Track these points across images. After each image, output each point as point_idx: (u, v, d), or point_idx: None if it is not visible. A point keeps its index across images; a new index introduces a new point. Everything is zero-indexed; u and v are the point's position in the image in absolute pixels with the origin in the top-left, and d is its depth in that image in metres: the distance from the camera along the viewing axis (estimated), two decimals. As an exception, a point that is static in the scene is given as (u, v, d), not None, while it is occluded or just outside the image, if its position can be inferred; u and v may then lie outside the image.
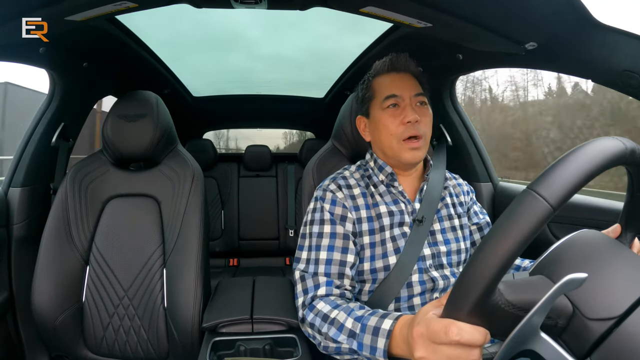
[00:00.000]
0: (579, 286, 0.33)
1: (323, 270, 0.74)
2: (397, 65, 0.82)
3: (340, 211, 0.78)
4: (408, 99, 0.79)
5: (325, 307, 0.67)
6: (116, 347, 0.99)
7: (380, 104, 0.81)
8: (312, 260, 0.75)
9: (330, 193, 0.80)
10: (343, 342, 0.61)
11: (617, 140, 0.36)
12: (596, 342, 0.34)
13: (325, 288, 0.71)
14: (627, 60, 0.66)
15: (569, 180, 0.33)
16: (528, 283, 0.39)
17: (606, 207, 0.94)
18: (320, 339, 0.66)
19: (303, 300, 0.72)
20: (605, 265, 0.38)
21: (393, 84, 0.80)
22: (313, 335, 0.69)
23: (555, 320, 0.36)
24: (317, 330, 0.66)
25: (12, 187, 1.08)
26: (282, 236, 2.21)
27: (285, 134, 11.37)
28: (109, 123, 1.05)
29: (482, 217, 0.89)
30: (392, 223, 0.79)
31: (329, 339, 0.64)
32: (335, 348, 0.63)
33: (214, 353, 0.83)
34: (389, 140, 0.79)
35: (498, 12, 0.75)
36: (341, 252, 0.75)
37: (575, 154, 0.34)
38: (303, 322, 0.71)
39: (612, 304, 0.35)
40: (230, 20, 1.52)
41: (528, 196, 0.33)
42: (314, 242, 0.77)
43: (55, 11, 0.78)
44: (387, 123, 0.79)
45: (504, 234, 0.33)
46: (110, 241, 1.03)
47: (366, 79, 0.86)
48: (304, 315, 0.71)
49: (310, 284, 0.73)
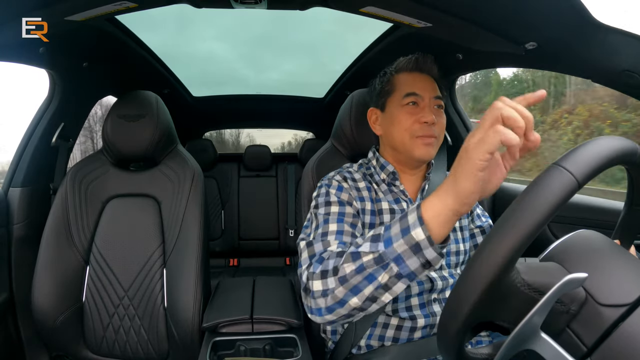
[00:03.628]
0: (579, 286, 0.33)
1: (334, 238, 0.67)
2: (422, 66, 0.82)
3: (346, 197, 0.76)
4: (428, 100, 0.78)
5: (336, 249, 0.62)
6: (116, 347, 0.99)
7: (399, 100, 0.80)
8: (319, 234, 0.69)
9: (336, 181, 0.79)
10: (365, 252, 0.52)
11: (632, 142, 0.39)
12: (607, 331, 0.34)
13: (337, 245, 0.65)
14: (627, 60, 0.66)
15: (594, 159, 0.35)
16: (543, 267, 0.40)
17: (606, 207, 0.94)
18: (332, 285, 0.56)
19: (309, 263, 0.63)
20: (617, 255, 0.39)
21: (415, 83, 0.80)
22: (323, 289, 0.57)
23: (568, 306, 0.36)
24: (332, 273, 0.56)
25: (12, 187, 1.08)
26: (282, 236, 2.21)
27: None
28: (109, 123, 1.05)
29: (484, 219, 0.89)
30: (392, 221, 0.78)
31: (348, 262, 0.54)
32: (356, 270, 0.53)
33: (214, 353, 0.83)
34: (401, 135, 0.79)
35: (498, 12, 0.75)
36: (351, 226, 0.71)
37: (599, 140, 0.37)
38: (311, 279, 0.59)
39: (626, 291, 0.35)
40: (230, 20, 1.52)
41: (555, 170, 0.34)
42: (321, 219, 0.72)
43: (55, 11, 0.78)
44: (403, 119, 0.78)
45: (532, 203, 0.33)
46: (110, 241, 1.03)
47: (387, 73, 0.85)
48: (312, 270, 0.60)
49: (318, 248, 0.65)
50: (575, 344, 0.36)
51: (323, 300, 0.57)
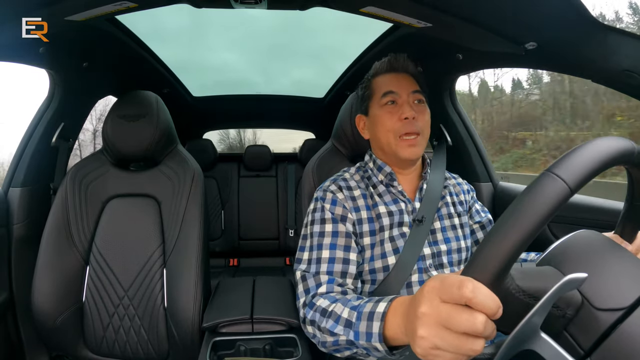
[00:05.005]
0: (579, 286, 0.33)
1: (325, 269, 0.73)
2: (396, 65, 0.84)
3: (340, 211, 0.78)
4: (406, 96, 0.80)
5: (324, 302, 0.66)
6: (116, 347, 0.99)
7: (378, 101, 0.82)
8: (314, 260, 0.75)
9: (330, 193, 0.80)
10: (340, 334, 0.59)
11: (629, 142, 0.38)
12: (604, 334, 0.34)
13: (326, 286, 0.70)
14: (627, 60, 0.66)
15: (586, 165, 0.34)
16: (538, 271, 0.39)
17: (606, 207, 0.94)
18: (319, 336, 0.65)
19: (304, 300, 0.71)
20: (615, 258, 0.39)
21: (391, 82, 0.82)
22: (313, 334, 0.67)
23: (564, 310, 0.36)
24: (317, 327, 0.65)
25: (12, 187, 1.08)
26: (282, 236, 2.21)
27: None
28: (109, 123, 1.05)
29: (483, 215, 0.89)
30: (392, 223, 0.79)
31: (327, 333, 0.62)
32: (333, 342, 0.61)
33: (214, 353, 0.83)
34: (386, 136, 0.80)
35: (498, 12, 0.75)
36: (344, 250, 0.75)
37: (592, 143, 0.36)
38: (304, 322, 0.70)
39: (622, 295, 0.35)
40: (230, 20, 1.53)
41: (547, 178, 0.34)
42: (315, 242, 0.77)
43: (55, 11, 0.78)
44: (384, 119, 0.80)
45: (523, 212, 0.33)
46: (110, 241, 1.03)
47: (366, 79, 0.88)
48: (304, 314, 0.69)
49: (311, 284, 0.72)
50: (573, 347, 0.36)
51: (316, 338, 0.66)
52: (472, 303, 0.33)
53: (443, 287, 0.35)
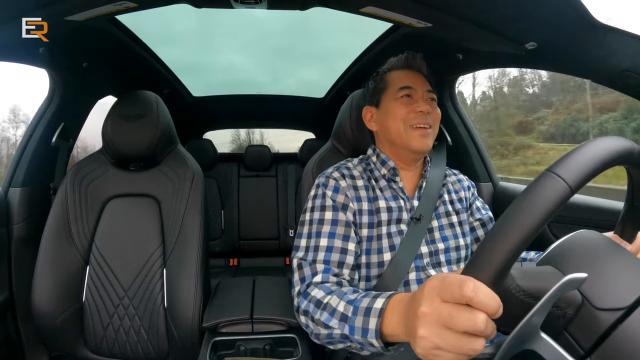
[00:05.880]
0: (579, 286, 0.33)
1: (322, 258, 0.72)
2: (412, 63, 0.85)
3: (342, 199, 0.78)
4: (421, 93, 0.82)
5: (319, 292, 0.66)
6: (116, 347, 0.99)
7: (393, 94, 0.83)
8: (312, 248, 0.74)
9: (333, 180, 0.80)
10: (335, 327, 0.59)
11: (629, 142, 0.38)
12: (604, 334, 0.34)
13: (321, 275, 0.70)
14: (627, 60, 0.66)
15: (587, 164, 0.34)
16: (538, 271, 0.39)
17: (606, 207, 0.94)
18: (312, 327, 0.64)
19: (299, 288, 0.71)
20: (615, 258, 0.39)
21: (407, 78, 0.84)
22: (306, 324, 0.67)
23: (564, 310, 0.36)
24: (311, 318, 0.64)
25: (12, 187, 1.08)
26: (282, 236, 2.21)
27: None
28: (109, 123, 1.05)
29: (484, 212, 0.89)
30: (390, 219, 0.79)
31: (321, 325, 0.61)
32: (327, 335, 0.61)
33: (214, 353, 0.83)
34: (397, 125, 0.81)
35: (498, 12, 0.75)
36: (342, 239, 0.74)
37: (592, 143, 0.36)
38: (297, 311, 0.69)
39: (622, 295, 0.35)
40: (230, 20, 1.53)
41: (547, 177, 0.34)
42: (314, 229, 0.76)
43: (55, 11, 0.78)
44: (398, 110, 0.81)
45: (524, 212, 0.33)
46: (110, 241, 1.03)
47: (380, 72, 0.89)
48: (298, 303, 0.69)
49: (307, 272, 0.71)
50: (573, 347, 0.36)
51: (309, 329, 0.66)
52: (473, 302, 0.33)
53: (443, 287, 0.35)
